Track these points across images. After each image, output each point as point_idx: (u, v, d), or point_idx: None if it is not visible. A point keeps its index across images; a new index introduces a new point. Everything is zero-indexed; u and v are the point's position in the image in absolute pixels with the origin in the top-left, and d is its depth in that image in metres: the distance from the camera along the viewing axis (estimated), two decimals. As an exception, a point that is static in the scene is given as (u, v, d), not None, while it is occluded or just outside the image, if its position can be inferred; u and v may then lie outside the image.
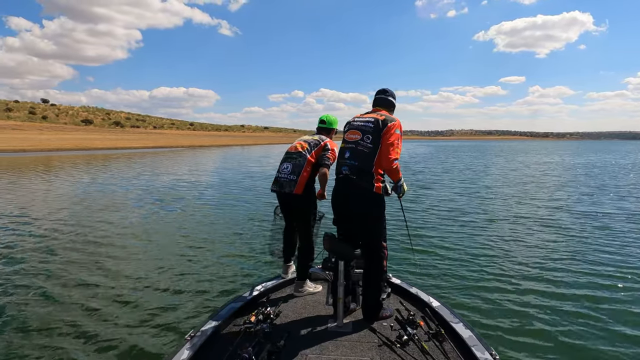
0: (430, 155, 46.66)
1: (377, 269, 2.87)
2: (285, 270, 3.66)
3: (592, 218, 9.26)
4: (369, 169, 2.76)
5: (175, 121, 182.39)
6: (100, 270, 5.66)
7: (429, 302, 3.04)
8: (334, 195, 2.95)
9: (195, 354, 2.35)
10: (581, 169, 25.45)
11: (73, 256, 6.29)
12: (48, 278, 5.34)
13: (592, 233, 7.78)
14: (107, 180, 17.41)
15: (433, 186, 15.32)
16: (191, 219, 9.28)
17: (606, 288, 4.99)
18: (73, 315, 4.29)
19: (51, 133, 73.00)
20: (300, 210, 3.36)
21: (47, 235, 7.55)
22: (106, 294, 4.85)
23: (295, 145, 3.50)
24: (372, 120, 2.85)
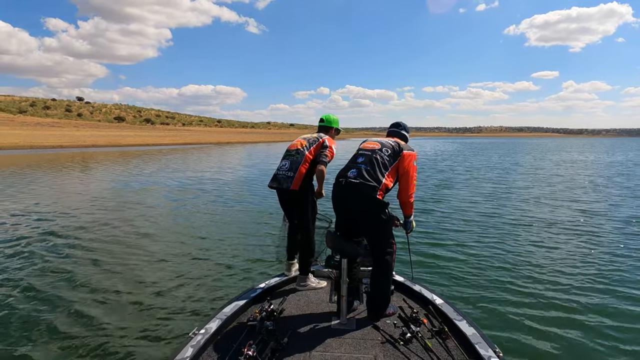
0: (456, 152, 45.79)
1: (386, 266, 2.85)
2: (288, 267, 3.68)
3: (612, 220, 9.00)
4: (377, 177, 2.75)
5: (204, 118, 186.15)
6: (105, 267, 5.76)
7: (432, 300, 3.06)
8: (334, 197, 2.94)
9: (199, 351, 2.37)
10: (612, 168, 24.53)
11: (81, 252, 6.48)
12: (49, 272, 5.52)
13: (610, 236, 7.51)
14: (137, 176, 18.16)
15: (451, 185, 15.20)
16: (204, 216, 9.38)
17: (617, 295, 4.86)
18: (77, 310, 4.36)
19: (86, 130, 76.15)
20: (298, 206, 3.39)
21: (52, 229, 7.94)
22: (110, 290, 4.91)
23: (295, 143, 3.52)
24: (392, 141, 2.97)
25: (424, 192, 13.30)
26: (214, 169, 22.01)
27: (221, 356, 2.36)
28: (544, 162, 30.27)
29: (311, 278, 3.48)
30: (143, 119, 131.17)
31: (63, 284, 5.13)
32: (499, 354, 2.32)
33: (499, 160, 32.28)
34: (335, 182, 2.91)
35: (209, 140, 70.83)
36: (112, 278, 5.34)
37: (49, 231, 7.74)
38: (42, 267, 5.75)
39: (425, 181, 16.33)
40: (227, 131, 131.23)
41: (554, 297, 4.68)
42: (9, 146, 38.91)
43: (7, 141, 41.35)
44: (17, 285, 5.03)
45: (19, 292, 4.85)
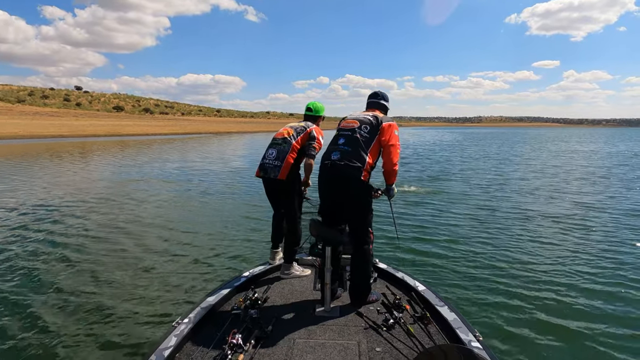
0: (455, 143, 45.85)
1: (364, 254, 2.91)
2: (272, 256, 3.68)
3: (603, 212, 9.08)
4: (360, 157, 2.77)
5: (203, 108, 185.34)
6: (87, 256, 5.76)
7: (414, 286, 3.12)
8: (320, 181, 2.95)
9: (182, 340, 2.37)
10: (611, 159, 24.63)
11: (67, 240, 6.51)
12: (35, 260, 5.58)
13: (599, 227, 7.58)
14: (132, 166, 18.33)
15: (445, 177, 15.14)
16: (192, 206, 9.36)
17: (598, 282, 4.97)
18: (57, 301, 4.34)
19: (85, 119, 76.07)
20: (285, 195, 3.41)
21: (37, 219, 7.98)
22: (91, 281, 4.89)
23: (281, 132, 3.51)
24: (370, 115, 2.92)
25: (418, 182, 13.51)
26: (209, 159, 21.96)
27: (205, 345, 2.37)
28: (541, 152, 30.34)
29: (295, 266, 3.51)
30: (142, 109, 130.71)
31: (37, 274, 5.11)
32: (479, 337, 2.38)
33: (497, 150, 32.33)
34: (321, 165, 2.93)
35: (208, 130, 70.83)
36: (94, 268, 5.31)
37: (22, 225, 7.53)
38: (34, 254, 5.83)
39: (420, 172, 16.43)
40: (226, 121, 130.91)
41: (534, 285, 4.80)
42: (9, 136, 39.01)
43: (6, 131, 41.44)
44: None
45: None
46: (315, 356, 2.31)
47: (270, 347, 2.38)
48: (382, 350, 2.36)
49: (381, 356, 2.31)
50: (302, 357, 2.30)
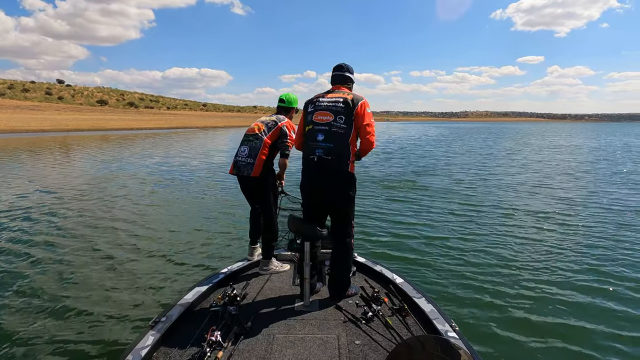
0: (440, 137, 46.28)
1: (347, 248, 2.94)
2: (251, 252, 3.66)
3: (575, 205, 9.27)
4: (344, 150, 2.77)
5: (188, 102, 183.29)
6: (58, 255, 5.58)
7: (392, 279, 3.16)
8: (306, 177, 2.92)
9: (160, 339, 2.34)
10: (589, 153, 25.11)
11: (36, 238, 6.33)
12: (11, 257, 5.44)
13: (573, 221, 7.74)
14: (115, 160, 18.14)
15: (428, 172, 15.11)
16: (169, 204, 9.16)
17: (569, 271, 5.14)
18: (23, 303, 4.19)
19: (68, 113, 74.60)
20: (259, 192, 3.42)
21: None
22: (62, 280, 4.76)
23: (252, 127, 3.49)
24: (341, 100, 2.81)
25: (402, 177, 13.68)
26: (191, 154, 21.55)
27: (183, 343, 2.35)
28: (524, 147, 30.69)
29: (274, 262, 3.51)
30: (126, 103, 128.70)
31: (16, 268, 5.05)
32: (455, 328, 2.43)
33: (481, 145, 32.64)
34: (305, 160, 2.90)
35: (195, 125, 70.17)
36: (64, 268, 5.16)
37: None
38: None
39: (405, 167, 16.56)
40: (213, 115, 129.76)
41: (509, 277, 4.93)
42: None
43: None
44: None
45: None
46: (295, 351, 2.32)
47: (250, 343, 2.38)
48: (361, 343, 2.40)
49: (360, 349, 2.34)
50: (281, 352, 2.31)
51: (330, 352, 2.31)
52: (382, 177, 13.54)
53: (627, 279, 4.86)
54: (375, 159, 19.33)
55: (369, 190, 10.93)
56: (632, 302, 4.29)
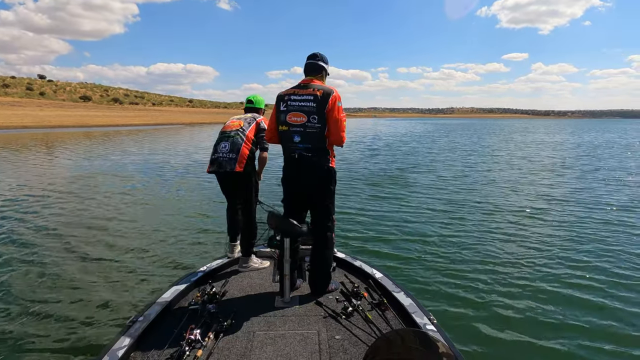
0: (426, 134, 46.68)
1: (327, 242, 2.96)
2: (231, 249, 3.63)
3: (555, 201, 9.39)
4: (323, 147, 2.81)
5: (174, 98, 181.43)
6: (29, 256, 5.44)
7: (372, 274, 3.18)
8: (289, 173, 2.93)
9: (137, 339, 2.29)
10: (570, 149, 25.48)
11: (17, 236, 6.21)
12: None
13: (552, 216, 7.85)
14: (98, 158, 17.89)
15: (412, 168, 15.10)
16: (147, 202, 8.94)
17: (544, 265, 5.26)
18: (2, 300, 4.13)
19: (50, 110, 73.12)
20: (242, 187, 3.41)
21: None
22: (33, 281, 4.64)
23: (229, 125, 3.48)
24: (312, 98, 2.77)
25: (384, 174, 13.76)
26: (172, 151, 21.07)
27: (162, 342, 2.31)
28: (508, 143, 31.04)
29: (254, 259, 3.50)
30: (111, 99, 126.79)
31: None
32: (433, 321, 2.46)
33: (466, 141, 32.94)
34: (287, 157, 2.91)
35: (181, 121, 69.54)
36: (36, 268, 5.02)
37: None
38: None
39: (389, 163, 16.54)
40: (199, 111, 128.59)
41: (486, 271, 5.02)
42: (-32, 127, 37.25)
43: (-35, 121, 39.51)
44: None
45: None
46: (276, 347, 2.32)
47: (230, 341, 2.37)
48: (341, 338, 2.41)
49: (341, 343, 2.36)
50: (262, 349, 2.30)
51: (311, 348, 2.31)
52: (366, 173, 13.59)
53: (602, 272, 5.03)
54: (360, 156, 19.45)
55: (351, 186, 10.99)
56: (603, 293, 4.43)
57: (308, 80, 2.90)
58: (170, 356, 2.18)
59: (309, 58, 2.98)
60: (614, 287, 4.59)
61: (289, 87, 2.94)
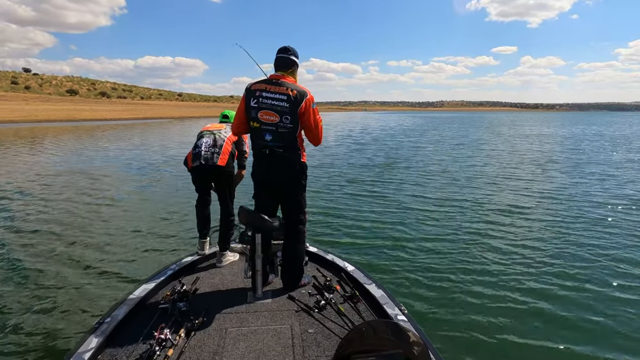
0: (415, 127, 46.88)
1: (300, 234, 2.97)
2: (201, 246, 3.58)
3: (536, 195, 9.49)
4: (294, 145, 2.81)
5: (163, 92, 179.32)
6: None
7: (344, 267, 3.22)
8: (259, 167, 2.88)
9: (105, 341, 2.23)
10: (555, 142, 25.68)
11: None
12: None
13: (528, 206, 8.13)
14: (76, 154, 17.79)
15: (393, 162, 15.15)
16: (116, 200, 8.74)
17: (510, 244, 5.64)
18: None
19: (37, 104, 72.05)
20: (224, 182, 3.43)
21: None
22: (5, 279, 4.57)
23: (209, 126, 3.60)
24: (285, 98, 2.72)
25: (366, 168, 13.79)
26: (152, 147, 20.75)
27: (130, 343, 2.27)
28: (497, 137, 31.17)
29: (229, 254, 3.52)
30: (98, 92, 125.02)
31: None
32: (404, 311, 2.53)
33: (454, 135, 33.09)
34: (257, 153, 2.87)
35: (171, 115, 69.06)
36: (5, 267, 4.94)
37: None
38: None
39: (372, 158, 16.45)
40: (188, 105, 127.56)
41: (455, 261, 5.21)
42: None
43: (-50, 116, 38.90)
44: None
45: None
46: (248, 343, 2.31)
47: (202, 339, 2.35)
48: (314, 332, 2.43)
49: (314, 337, 2.38)
50: (234, 345, 2.29)
51: (284, 342, 2.32)
52: (344, 168, 13.64)
53: (567, 259, 5.28)
54: (344, 150, 19.53)
55: (327, 181, 11.00)
56: (575, 284, 4.57)
57: (279, 76, 2.81)
58: (140, 356, 2.14)
59: (280, 52, 2.88)
60: (583, 275, 4.78)
61: (260, 80, 2.85)
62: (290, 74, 2.88)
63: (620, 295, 4.32)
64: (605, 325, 3.77)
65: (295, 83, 2.85)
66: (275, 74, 2.87)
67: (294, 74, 2.91)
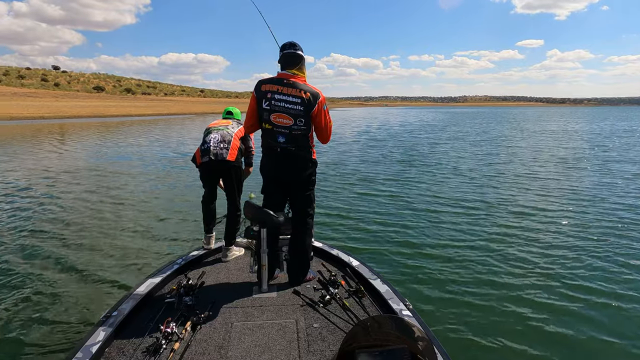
0: (435, 122, 46.37)
1: (307, 226, 3.00)
2: (207, 241, 3.61)
3: (548, 191, 9.39)
4: (307, 145, 2.83)
5: (186, 88, 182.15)
6: (13, 244, 5.54)
7: (349, 262, 3.23)
8: (270, 164, 2.89)
9: (112, 334, 2.26)
10: (582, 139, 24.66)
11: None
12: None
13: (541, 206, 7.95)
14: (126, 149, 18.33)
15: (403, 160, 14.83)
16: (124, 196, 8.79)
17: (515, 247, 5.53)
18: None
19: (66, 100, 74.44)
20: (233, 176, 3.44)
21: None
22: (5, 273, 4.62)
23: (216, 123, 3.63)
24: (299, 101, 2.71)
25: (378, 165, 13.66)
26: (167, 143, 20.79)
27: (137, 336, 2.29)
28: (521, 132, 30.41)
29: (234, 248, 3.56)
30: (123, 89, 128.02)
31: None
32: (409, 306, 2.53)
33: (477, 131, 32.44)
34: (267, 150, 2.88)
35: (193, 111, 70.15)
36: (9, 260, 5.02)
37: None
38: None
39: (385, 156, 15.95)
40: (210, 101, 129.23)
41: (460, 258, 5.19)
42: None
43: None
44: None
45: None
46: (254, 337, 2.32)
47: (208, 332, 2.37)
48: (319, 326, 2.44)
49: (319, 331, 2.39)
50: (240, 339, 2.30)
51: (289, 337, 2.33)
52: (355, 164, 13.60)
53: (581, 263, 5.13)
54: (360, 146, 19.43)
55: (335, 178, 11.00)
56: (598, 299, 4.32)
57: (290, 76, 2.78)
58: (147, 350, 2.17)
59: (287, 48, 2.83)
60: (607, 288, 4.49)
61: (270, 79, 2.81)
62: (299, 70, 2.83)
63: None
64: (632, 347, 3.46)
65: (306, 82, 2.82)
66: (284, 72, 2.82)
67: (302, 70, 2.86)
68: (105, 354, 2.16)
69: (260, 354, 2.19)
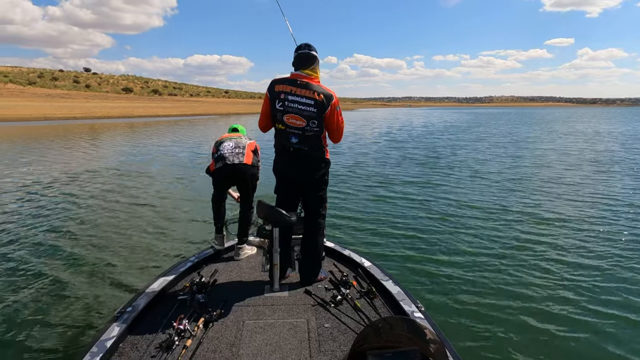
0: (458, 124, 45.66)
1: (319, 226, 3.02)
2: (219, 241, 3.64)
3: (566, 198, 9.21)
4: (319, 145, 2.85)
5: (211, 89, 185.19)
6: (17, 246, 5.57)
7: (361, 263, 3.23)
8: (283, 164, 2.92)
9: (126, 329, 2.29)
10: (614, 141, 23.95)
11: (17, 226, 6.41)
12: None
13: (558, 212, 7.87)
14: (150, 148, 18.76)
15: (424, 160, 14.87)
16: (140, 194, 8.96)
17: (533, 254, 5.43)
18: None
19: (96, 101, 77.09)
20: (249, 179, 3.47)
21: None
22: (23, 273, 4.71)
23: (226, 135, 3.69)
24: (312, 102, 2.71)
25: (396, 166, 13.64)
26: (186, 143, 21.15)
27: (150, 332, 2.32)
28: (549, 134, 29.71)
29: (247, 247, 3.60)
30: (150, 90, 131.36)
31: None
32: (421, 308, 2.53)
33: (502, 132, 31.87)
34: (280, 150, 2.91)
35: (218, 111, 71.26)
36: (25, 258, 5.14)
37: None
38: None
39: (404, 158, 15.74)
40: (234, 102, 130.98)
41: (473, 261, 5.18)
42: (24, 118, 40.04)
43: (20, 113, 42.51)
44: None
45: None
46: (265, 336, 2.33)
47: (219, 330, 2.38)
48: (330, 326, 2.44)
49: (330, 332, 2.39)
50: (251, 337, 2.32)
51: (300, 336, 2.34)
52: (370, 164, 13.61)
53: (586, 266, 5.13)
54: (379, 148, 19.38)
55: (347, 177, 11.06)
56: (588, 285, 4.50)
57: (304, 77, 2.78)
58: (160, 346, 2.20)
59: (303, 48, 2.83)
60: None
61: (283, 79, 2.82)
62: (312, 70, 2.82)
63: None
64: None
65: (319, 83, 2.83)
66: (298, 73, 2.82)
67: (316, 70, 2.85)
68: (120, 349, 2.20)
69: (271, 352, 2.20)
